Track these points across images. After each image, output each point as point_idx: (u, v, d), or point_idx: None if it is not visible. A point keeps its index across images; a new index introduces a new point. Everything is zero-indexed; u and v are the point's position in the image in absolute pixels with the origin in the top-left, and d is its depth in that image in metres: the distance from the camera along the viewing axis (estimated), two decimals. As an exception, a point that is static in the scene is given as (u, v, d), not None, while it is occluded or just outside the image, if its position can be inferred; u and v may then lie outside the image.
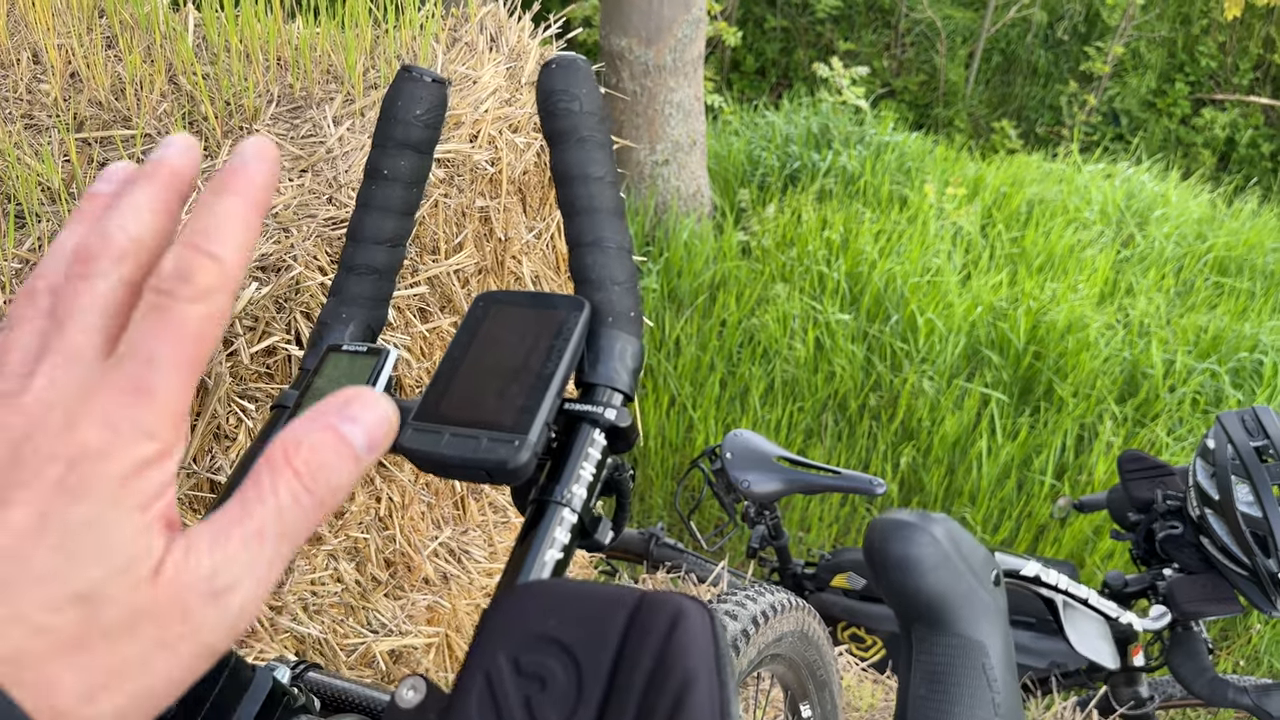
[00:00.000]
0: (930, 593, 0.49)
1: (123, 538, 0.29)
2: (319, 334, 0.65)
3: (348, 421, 0.34)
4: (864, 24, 9.20)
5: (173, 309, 0.31)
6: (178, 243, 0.32)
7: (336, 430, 0.34)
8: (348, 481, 0.34)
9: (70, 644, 0.28)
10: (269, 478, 0.33)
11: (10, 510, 0.28)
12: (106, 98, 1.25)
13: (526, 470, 0.51)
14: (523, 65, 1.42)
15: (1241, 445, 1.86)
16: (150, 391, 0.31)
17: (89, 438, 0.29)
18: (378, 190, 0.66)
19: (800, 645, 1.20)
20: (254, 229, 0.34)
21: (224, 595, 0.31)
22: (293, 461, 0.33)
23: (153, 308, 0.31)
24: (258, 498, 0.32)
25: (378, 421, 0.35)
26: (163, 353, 0.31)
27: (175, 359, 0.31)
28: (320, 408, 0.34)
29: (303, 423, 0.34)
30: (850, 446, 3.71)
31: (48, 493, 0.29)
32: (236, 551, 0.31)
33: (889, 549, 0.50)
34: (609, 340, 0.58)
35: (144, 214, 0.34)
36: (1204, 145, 8.13)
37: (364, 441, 0.34)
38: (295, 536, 0.33)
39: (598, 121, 0.61)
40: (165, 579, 0.30)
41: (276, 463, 0.33)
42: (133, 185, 0.34)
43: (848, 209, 4.97)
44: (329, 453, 0.33)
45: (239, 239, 0.33)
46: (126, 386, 0.30)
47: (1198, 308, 4.50)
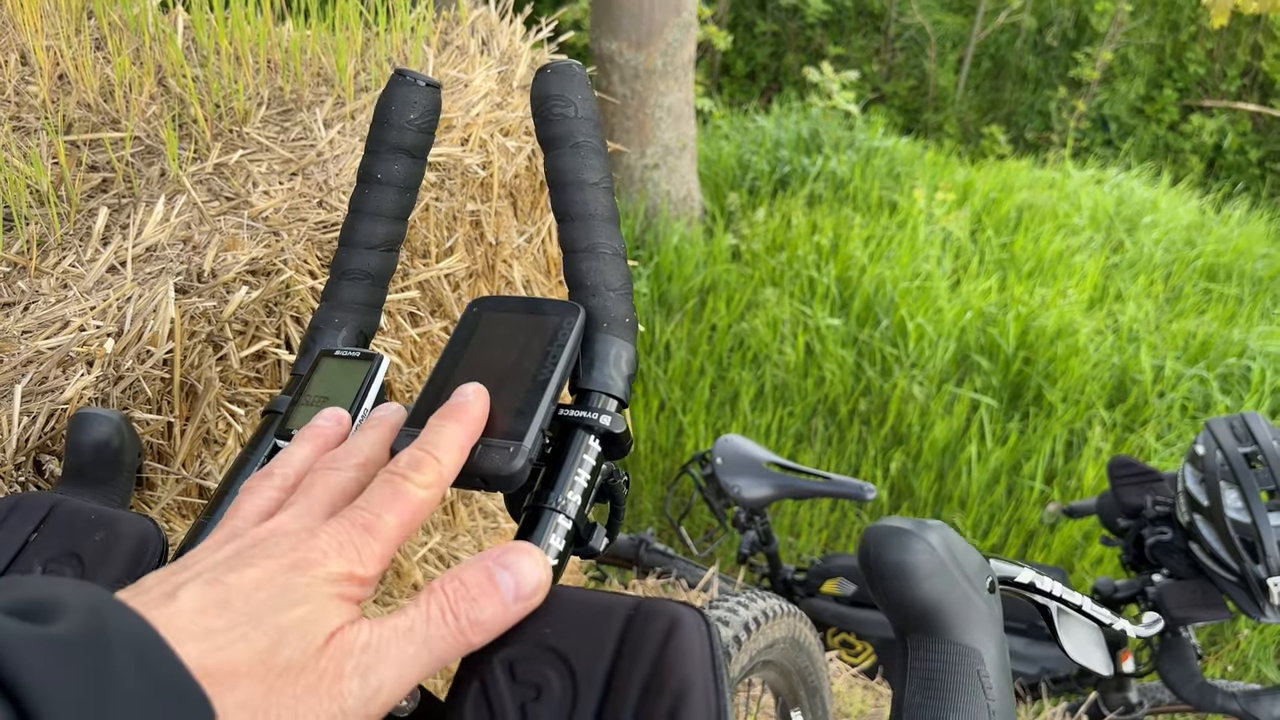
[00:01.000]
0: (926, 600, 0.49)
1: (318, 608, 0.37)
2: (311, 339, 0.64)
3: (501, 568, 0.41)
4: (854, 29, 9.23)
5: (403, 485, 0.43)
6: (411, 447, 0.45)
7: (489, 572, 0.40)
8: (490, 619, 0.40)
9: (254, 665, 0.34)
10: (425, 595, 0.40)
11: (249, 568, 0.37)
12: (95, 100, 1.25)
13: (521, 477, 0.51)
14: (514, 69, 1.41)
15: (1230, 451, 1.86)
16: (375, 532, 0.40)
17: (322, 543, 0.39)
18: (371, 195, 0.65)
19: (792, 651, 1.19)
20: (465, 450, 0.47)
21: (369, 671, 0.37)
22: (445, 587, 0.40)
23: (387, 482, 0.43)
24: (413, 604, 0.39)
25: (530, 573, 0.41)
26: (389, 510, 0.42)
27: (397, 518, 0.42)
28: (485, 551, 0.42)
29: (467, 562, 0.41)
30: (840, 451, 3.72)
31: (280, 566, 0.38)
32: (388, 636, 0.38)
33: (884, 556, 0.50)
34: (604, 346, 0.58)
35: (375, 444, 0.48)
36: (1192, 151, 8.17)
37: (512, 588, 0.40)
38: (436, 649, 0.39)
39: (593, 127, 0.61)
40: (333, 646, 0.37)
41: (434, 586, 0.40)
42: (363, 426, 0.50)
43: (837, 214, 4.98)
44: (476, 588, 0.40)
45: (454, 454, 0.46)
46: (359, 523, 0.41)
47: (1186, 314, 4.52)
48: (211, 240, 0.99)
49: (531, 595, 0.41)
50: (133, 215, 1.03)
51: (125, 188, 1.10)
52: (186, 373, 0.90)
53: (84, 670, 0.28)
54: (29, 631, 0.28)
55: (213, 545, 0.40)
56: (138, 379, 0.85)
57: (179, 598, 0.35)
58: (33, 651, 0.28)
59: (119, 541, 0.54)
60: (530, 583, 0.41)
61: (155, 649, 0.31)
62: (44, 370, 0.82)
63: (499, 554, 0.41)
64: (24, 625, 0.29)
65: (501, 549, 0.41)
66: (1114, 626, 0.63)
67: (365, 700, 0.36)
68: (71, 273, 0.95)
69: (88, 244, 0.99)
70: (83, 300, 0.90)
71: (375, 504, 0.42)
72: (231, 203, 1.07)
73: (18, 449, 0.77)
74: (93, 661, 0.29)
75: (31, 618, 0.30)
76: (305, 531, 0.40)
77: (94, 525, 0.55)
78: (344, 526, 0.40)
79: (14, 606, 0.30)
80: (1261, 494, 1.81)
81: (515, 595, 0.40)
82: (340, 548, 0.39)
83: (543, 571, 0.41)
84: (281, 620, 0.36)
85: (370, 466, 0.47)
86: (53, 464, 0.79)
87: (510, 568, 0.41)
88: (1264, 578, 1.79)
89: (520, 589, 0.40)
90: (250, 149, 1.17)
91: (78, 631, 0.29)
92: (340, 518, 0.41)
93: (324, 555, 0.39)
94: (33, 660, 0.27)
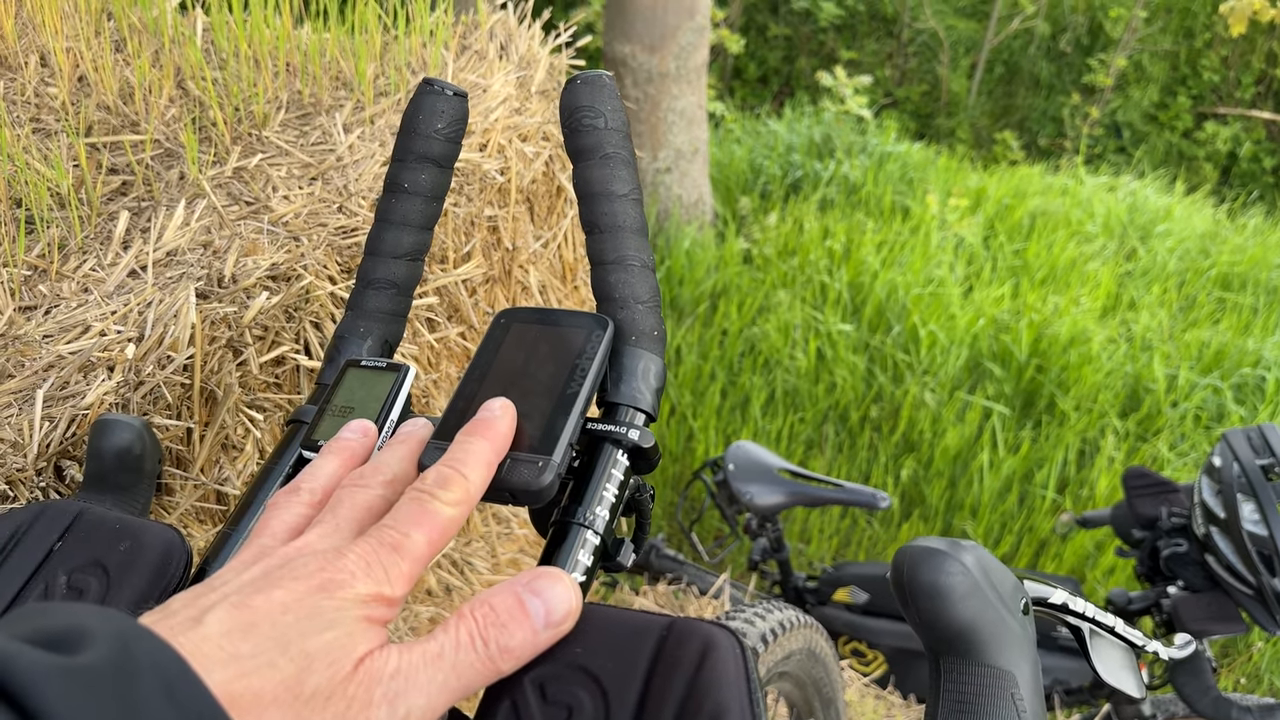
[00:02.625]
0: (960, 622, 0.48)
1: (345, 632, 0.37)
2: (336, 348, 0.64)
3: (532, 594, 0.41)
4: (866, 33, 9.22)
5: (431, 503, 0.42)
6: (439, 464, 0.45)
7: (520, 598, 0.40)
8: (519, 646, 0.40)
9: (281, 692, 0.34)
10: (454, 620, 0.40)
11: (276, 590, 0.37)
12: (115, 102, 1.25)
13: (550, 492, 0.50)
14: (532, 74, 1.41)
15: (1247, 463, 1.85)
16: (403, 552, 0.40)
17: (350, 564, 0.39)
18: (397, 204, 0.65)
19: (807, 663, 1.19)
20: (492, 467, 0.47)
21: (397, 699, 0.36)
22: (475, 612, 0.39)
23: (414, 499, 0.43)
24: (442, 630, 0.39)
25: (560, 599, 0.41)
26: (417, 529, 0.41)
27: (425, 536, 0.41)
28: (515, 577, 0.41)
29: (496, 587, 0.41)
30: (851, 458, 3.70)
31: (307, 587, 0.37)
32: (416, 663, 0.37)
33: (918, 576, 0.49)
34: (632, 359, 0.57)
35: (402, 460, 0.48)
36: (1206, 159, 8.14)
37: (542, 614, 0.40)
38: (464, 676, 0.38)
39: (622, 139, 0.61)
40: (363, 668, 0.36)
41: (463, 611, 0.40)
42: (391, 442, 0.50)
43: (850, 219, 4.96)
44: (507, 614, 0.40)
45: (481, 470, 0.45)
46: (386, 542, 0.40)
47: (1200, 323, 4.49)
48: (232, 245, 0.99)
49: (562, 622, 0.41)
50: (153, 219, 1.03)
51: (145, 191, 1.10)
52: (206, 378, 0.90)
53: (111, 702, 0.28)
54: (55, 663, 0.28)
55: (239, 565, 0.40)
56: (158, 384, 0.85)
57: (205, 622, 0.35)
58: (59, 683, 0.27)
59: (144, 552, 0.53)
60: (561, 610, 0.41)
61: (182, 678, 0.31)
62: (65, 375, 0.82)
63: (529, 579, 0.41)
64: (50, 656, 0.28)
65: (532, 574, 0.41)
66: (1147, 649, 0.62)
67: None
68: (92, 276, 0.95)
69: (108, 248, 0.99)
70: (103, 305, 0.90)
71: (403, 522, 0.41)
72: (251, 207, 1.07)
73: (39, 454, 0.77)
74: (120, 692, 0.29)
75: (57, 647, 0.29)
76: (333, 551, 0.40)
77: (119, 535, 0.54)
78: (371, 546, 0.40)
79: (39, 636, 0.30)
80: (1278, 506, 1.79)
81: (545, 622, 0.40)
82: (368, 568, 0.39)
83: (574, 598, 0.41)
84: (309, 646, 0.36)
85: (398, 484, 0.47)
86: (73, 469, 0.79)
87: (541, 594, 0.41)
88: (1280, 591, 1.78)
89: (551, 615, 0.40)
90: (270, 153, 1.17)
91: (104, 661, 0.29)
92: (368, 537, 0.41)
93: (351, 576, 0.38)
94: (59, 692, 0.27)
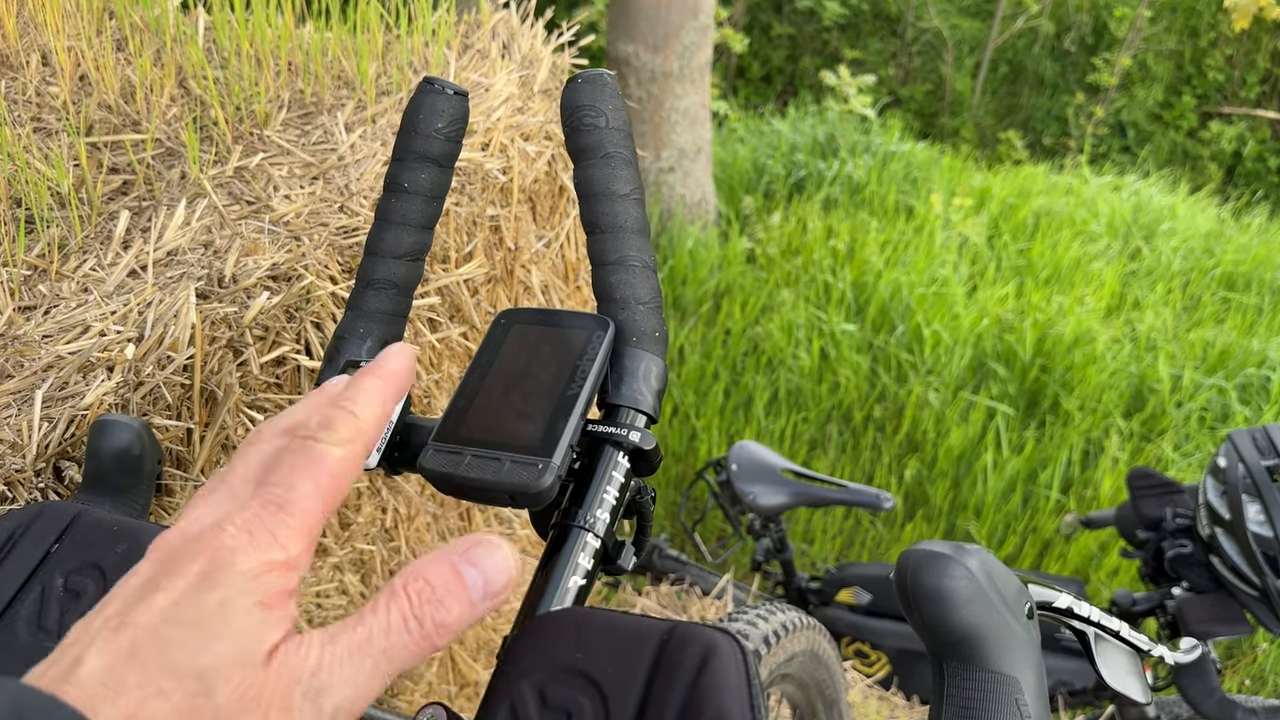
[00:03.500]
0: (964, 627, 0.48)
1: (245, 624, 0.33)
2: (336, 348, 0.64)
3: (468, 564, 0.38)
4: (870, 32, 9.20)
5: (314, 448, 0.38)
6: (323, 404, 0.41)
7: (456, 569, 0.37)
8: (456, 620, 0.37)
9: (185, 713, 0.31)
10: (384, 599, 0.36)
11: (157, 595, 0.33)
12: (116, 101, 1.24)
13: (550, 494, 0.50)
14: (535, 73, 1.41)
15: (1253, 464, 1.84)
16: (286, 509, 0.36)
17: (229, 539, 0.35)
18: (397, 204, 0.65)
19: (810, 664, 1.18)
20: (388, 404, 0.42)
21: (321, 695, 0.34)
22: (408, 589, 0.37)
23: (296, 448, 0.38)
24: (371, 612, 0.36)
25: (498, 569, 0.38)
26: (301, 481, 0.37)
27: (312, 488, 0.37)
28: (448, 546, 0.39)
29: (428, 557, 0.38)
30: (854, 458, 3.69)
31: (187, 582, 0.34)
32: (341, 654, 0.35)
33: (922, 581, 0.49)
34: (633, 360, 0.57)
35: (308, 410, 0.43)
36: (1211, 158, 8.12)
37: (480, 586, 0.38)
38: (396, 659, 0.36)
39: (623, 138, 0.60)
40: (275, 666, 0.33)
41: (394, 587, 0.37)
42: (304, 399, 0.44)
43: (853, 218, 4.96)
44: (443, 589, 0.37)
45: (375, 407, 0.41)
46: (270, 501, 0.36)
47: (1205, 323, 4.48)
48: (232, 245, 0.98)
49: (500, 592, 0.38)
50: (153, 218, 1.03)
51: (146, 190, 1.10)
52: (207, 379, 0.89)
53: None
54: None
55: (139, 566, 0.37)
56: (158, 385, 0.84)
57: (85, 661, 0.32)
58: None
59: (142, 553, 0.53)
60: (500, 580, 0.38)
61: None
62: (64, 375, 0.82)
63: (466, 548, 0.38)
64: None
65: (468, 542, 0.38)
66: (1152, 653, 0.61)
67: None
68: (92, 276, 0.95)
69: (108, 247, 0.99)
70: (103, 305, 0.90)
71: (284, 475, 0.37)
72: (252, 207, 1.06)
73: (38, 455, 0.77)
74: None
75: None
76: (212, 529, 0.35)
77: (117, 537, 0.54)
78: (253, 511, 0.36)
79: None
80: (1284, 507, 1.79)
81: (484, 594, 0.38)
82: (251, 537, 0.35)
83: (513, 566, 0.39)
84: (201, 663, 0.32)
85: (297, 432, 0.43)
86: (73, 470, 0.79)
87: (478, 564, 0.38)
88: (1286, 592, 1.77)
89: (489, 586, 0.38)
90: (271, 152, 1.17)
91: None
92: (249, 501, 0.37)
93: (233, 553, 0.34)
94: None
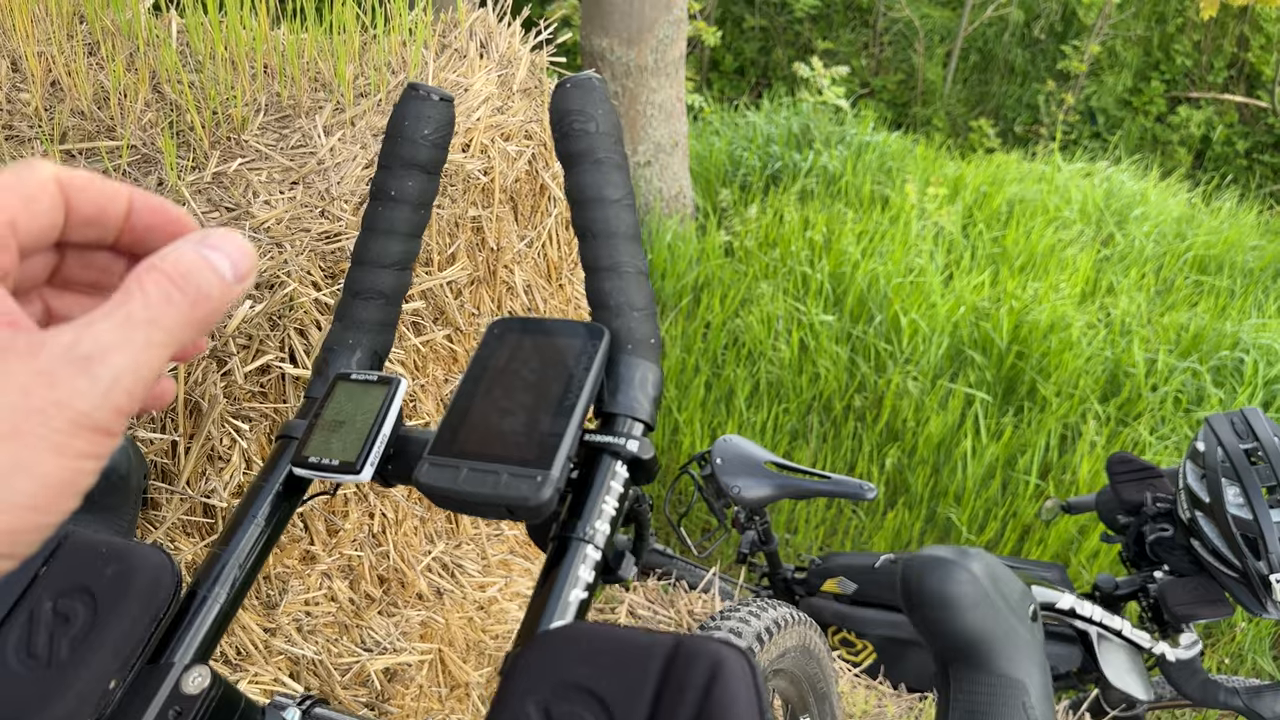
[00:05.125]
0: (970, 631, 0.48)
1: None
2: (325, 360, 0.63)
3: (210, 249, 0.35)
4: (842, 23, 9.22)
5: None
6: None
7: (199, 253, 0.35)
8: (217, 294, 0.35)
9: None
10: (135, 281, 0.34)
11: None
12: (89, 107, 1.23)
13: (549, 507, 0.49)
14: (514, 72, 1.40)
15: (1231, 448, 1.86)
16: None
17: None
18: (384, 212, 0.64)
19: (802, 659, 1.19)
20: None
21: (92, 363, 0.31)
22: (160, 265, 0.34)
23: None
24: (124, 294, 0.33)
25: (239, 251, 0.36)
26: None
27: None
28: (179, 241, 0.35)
29: (165, 249, 0.35)
30: (836, 448, 3.71)
31: None
32: (103, 330, 0.32)
33: (926, 586, 0.49)
34: (629, 368, 0.57)
35: None
36: (1180, 143, 8.19)
37: (229, 267, 0.35)
38: (169, 329, 0.33)
39: (614, 143, 0.60)
40: (18, 352, 0.31)
41: (140, 270, 0.34)
42: None
43: (830, 209, 4.97)
44: (195, 263, 0.34)
45: None
46: None
47: (1178, 306, 4.53)
48: (212, 252, 0.97)
49: (247, 275, 0.36)
50: (131, 227, 1.01)
51: (122, 198, 1.08)
52: (191, 390, 0.88)
53: None
54: None
55: None
56: (141, 397, 0.83)
57: None
58: None
59: (132, 575, 0.52)
60: (246, 262, 0.36)
61: None
62: (45, 390, 0.80)
63: (198, 239, 0.36)
64: None
65: (196, 235, 0.36)
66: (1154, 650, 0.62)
67: (102, 393, 0.32)
68: (70, 287, 0.93)
69: (86, 257, 0.97)
70: (83, 316, 0.88)
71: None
72: (232, 213, 1.05)
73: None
74: None
75: None
76: None
77: (106, 559, 0.53)
78: None
79: None
80: (1262, 490, 1.81)
81: (235, 275, 0.35)
82: None
83: (251, 250, 0.37)
84: None
85: None
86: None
87: (220, 248, 0.35)
88: (1266, 574, 1.79)
89: (237, 267, 0.36)
90: (249, 157, 1.16)
91: None
92: None
93: None
94: None
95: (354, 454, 0.56)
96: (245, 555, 0.55)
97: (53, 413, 0.31)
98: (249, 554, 0.56)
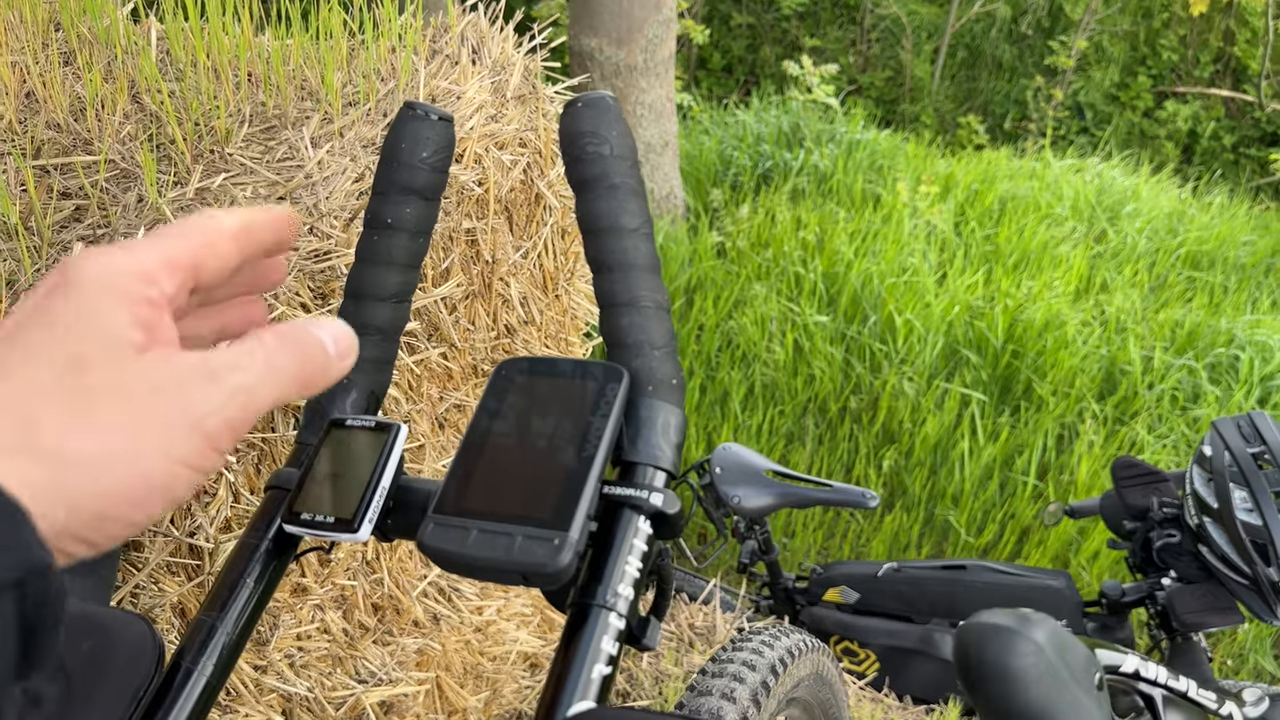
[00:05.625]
0: (1034, 707, 0.43)
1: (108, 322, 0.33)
2: (317, 403, 0.58)
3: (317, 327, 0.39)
4: (829, 20, 9.19)
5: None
6: None
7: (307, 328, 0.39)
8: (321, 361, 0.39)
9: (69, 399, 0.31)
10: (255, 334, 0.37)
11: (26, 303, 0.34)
12: (65, 119, 1.17)
13: (567, 573, 0.45)
14: (507, 79, 1.35)
15: (1239, 452, 1.83)
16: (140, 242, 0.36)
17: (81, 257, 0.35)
18: (380, 241, 0.59)
19: (815, 686, 1.15)
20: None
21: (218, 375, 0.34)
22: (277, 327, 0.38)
23: None
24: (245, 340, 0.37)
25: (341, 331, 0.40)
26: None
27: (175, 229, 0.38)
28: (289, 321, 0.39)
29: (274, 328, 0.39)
30: (832, 450, 3.67)
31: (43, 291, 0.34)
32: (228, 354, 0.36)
33: (986, 658, 0.44)
34: (649, 412, 0.52)
35: None
36: (1167, 138, 8.19)
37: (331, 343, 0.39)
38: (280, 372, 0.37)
39: (629, 166, 0.55)
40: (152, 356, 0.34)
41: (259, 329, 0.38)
42: None
43: (822, 209, 4.93)
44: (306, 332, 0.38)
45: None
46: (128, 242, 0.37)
47: (1172, 303, 4.51)
48: (196, 274, 0.92)
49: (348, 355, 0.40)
50: (109, 248, 0.97)
51: (101, 217, 1.03)
52: (174, 422, 0.84)
53: None
54: None
55: None
56: (121, 432, 0.78)
57: None
58: None
59: (110, 650, 0.48)
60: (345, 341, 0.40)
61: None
62: (18, 427, 0.75)
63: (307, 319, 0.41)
64: None
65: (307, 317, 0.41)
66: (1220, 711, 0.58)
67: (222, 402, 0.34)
68: (45, 314, 0.88)
69: (62, 281, 0.92)
70: (58, 345, 0.84)
71: None
72: (215, 232, 1.00)
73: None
74: None
75: None
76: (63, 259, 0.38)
77: (80, 632, 0.48)
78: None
79: None
80: (1271, 495, 1.78)
81: (336, 351, 0.39)
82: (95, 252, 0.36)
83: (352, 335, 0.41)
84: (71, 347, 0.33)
85: None
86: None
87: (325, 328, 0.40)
88: (1276, 580, 1.76)
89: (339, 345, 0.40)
90: (234, 171, 1.11)
91: None
92: None
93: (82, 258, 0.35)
94: None
95: (350, 509, 0.52)
96: (233, 623, 0.51)
97: (173, 415, 0.33)
98: (237, 620, 0.51)
